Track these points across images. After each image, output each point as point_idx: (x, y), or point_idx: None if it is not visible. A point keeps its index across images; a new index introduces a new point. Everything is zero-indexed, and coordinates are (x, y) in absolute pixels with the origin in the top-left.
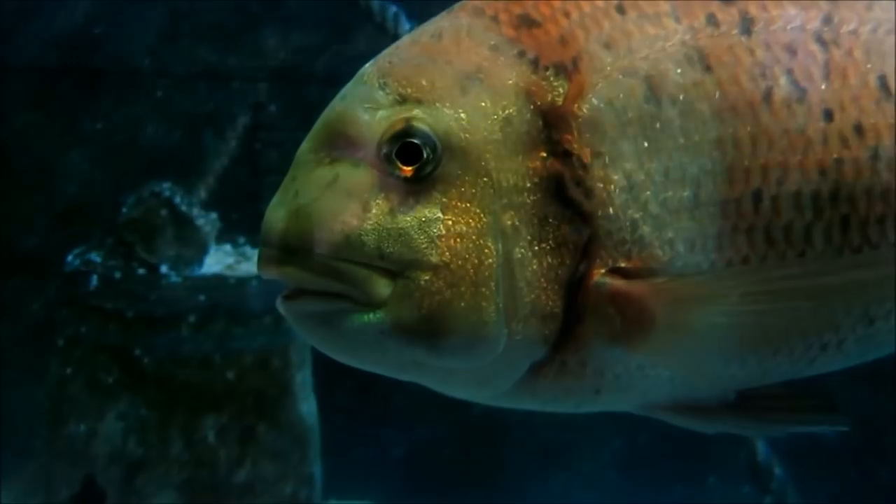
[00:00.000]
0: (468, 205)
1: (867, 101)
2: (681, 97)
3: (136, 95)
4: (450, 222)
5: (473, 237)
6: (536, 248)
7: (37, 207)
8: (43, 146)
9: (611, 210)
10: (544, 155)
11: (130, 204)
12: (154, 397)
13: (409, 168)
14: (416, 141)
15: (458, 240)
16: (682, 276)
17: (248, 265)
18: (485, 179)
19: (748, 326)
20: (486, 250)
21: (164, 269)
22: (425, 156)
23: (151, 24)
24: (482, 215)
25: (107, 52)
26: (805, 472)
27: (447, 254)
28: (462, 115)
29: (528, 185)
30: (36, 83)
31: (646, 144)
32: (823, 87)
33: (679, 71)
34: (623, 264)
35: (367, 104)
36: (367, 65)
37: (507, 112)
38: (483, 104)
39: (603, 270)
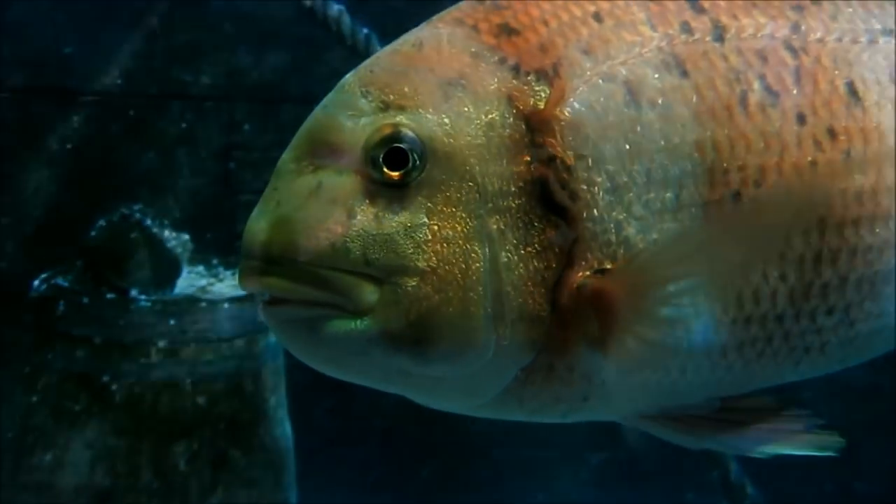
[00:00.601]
0: (454, 209)
1: (837, 106)
2: (659, 101)
3: (107, 116)
4: (436, 227)
5: (460, 242)
6: (523, 251)
7: (4, 230)
8: (11, 167)
9: (595, 212)
10: (528, 159)
11: (100, 227)
12: (123, 425)
13: (397, 173)
14: (403, 146)
15: (445, 245)
16: (639, 255)
17: (222, 287)
18: (470, 184)
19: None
20: (473, 255)
21: (133, 293)
22: (412, 161)
23: (124, 43)
24: (468, 220)
25: (78, 72)
26: (779, 488)
27: (434, 259)
28: (445, 121)
29: (513, 188)
30: (5, 103)
31: (627, 147)
32: (795, 91)
33: (657, 76)
34: (608, 266)
35: (350, 112)
36: (348, 75)
37: (490, 117)
38: (466, 109)
39: (588, 273)
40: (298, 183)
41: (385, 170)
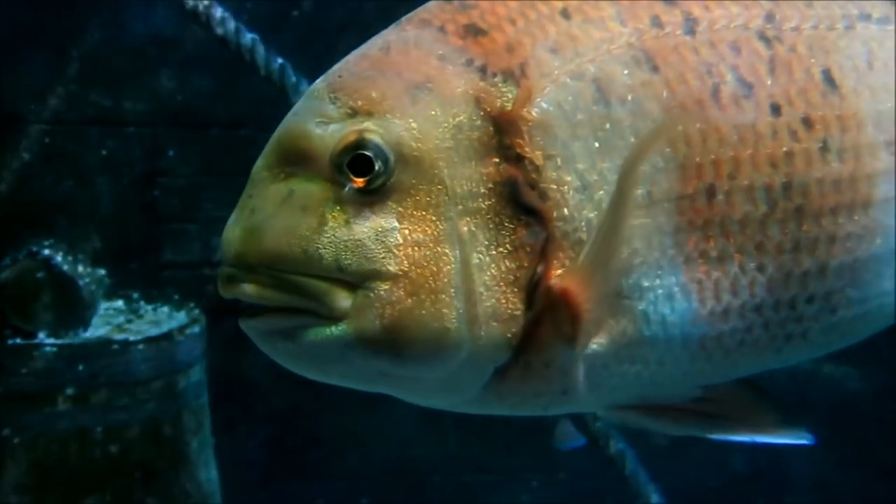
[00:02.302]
0: (424, 213)
1: (813, 95)
2: (629, 97)
3: (20, 143)
4: (406, 231)
5: (430, 245)
6: (494, 252)
7: None
8: None
9: (566, 211)
10: (497, 160)
11: (4, 266)
12: (26, 481)
13: (361, 180)
14: (367, 153)
15: (416, 248)
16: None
17: (141, 324)
18: (439, 187)
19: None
20: (444, 257)
21: (41, 336)
22: (377, 167)
23: (37, 67)
24: (438, 222)
25: None
26: None
27: (405, 262)
28: (413, 125)
29: (483, 190)
30: None
31: (597, 145)
32: (769, 82)
33: (626, 72)
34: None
35: (319, 118)
36: (318, 80)
37: (457, 119)
38: (433, 113)
39: (560, 271)
40: (271, 190)
41: (351, 176)
